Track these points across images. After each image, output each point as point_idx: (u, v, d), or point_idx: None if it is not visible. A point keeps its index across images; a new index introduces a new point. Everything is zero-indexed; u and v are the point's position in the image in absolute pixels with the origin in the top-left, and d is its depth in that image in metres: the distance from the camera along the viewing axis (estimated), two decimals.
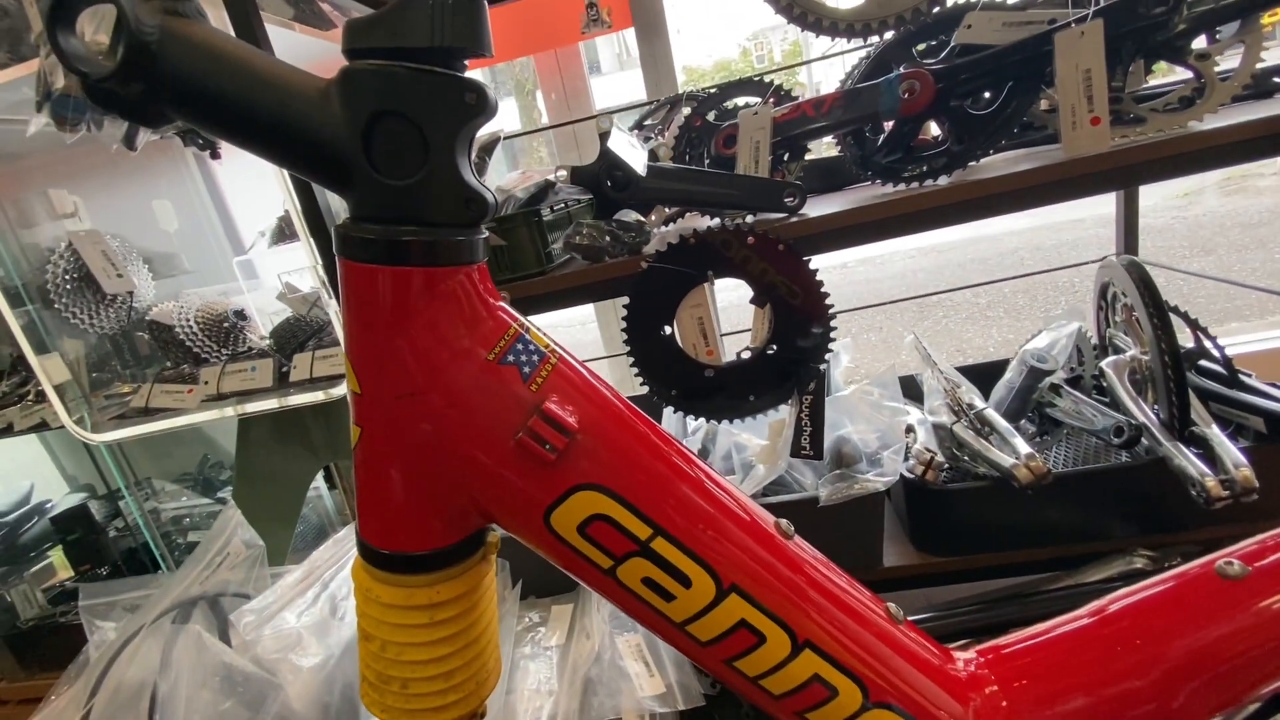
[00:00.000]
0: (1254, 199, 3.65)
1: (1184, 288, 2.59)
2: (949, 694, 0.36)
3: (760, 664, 0.33)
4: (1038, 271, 1.54)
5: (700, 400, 0.84)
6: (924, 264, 3.87)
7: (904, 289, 3.50)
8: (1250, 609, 0.34)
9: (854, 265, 4.18)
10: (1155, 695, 0.35)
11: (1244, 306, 2.36)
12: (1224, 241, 3.08)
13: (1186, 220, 3.52)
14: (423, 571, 0.35)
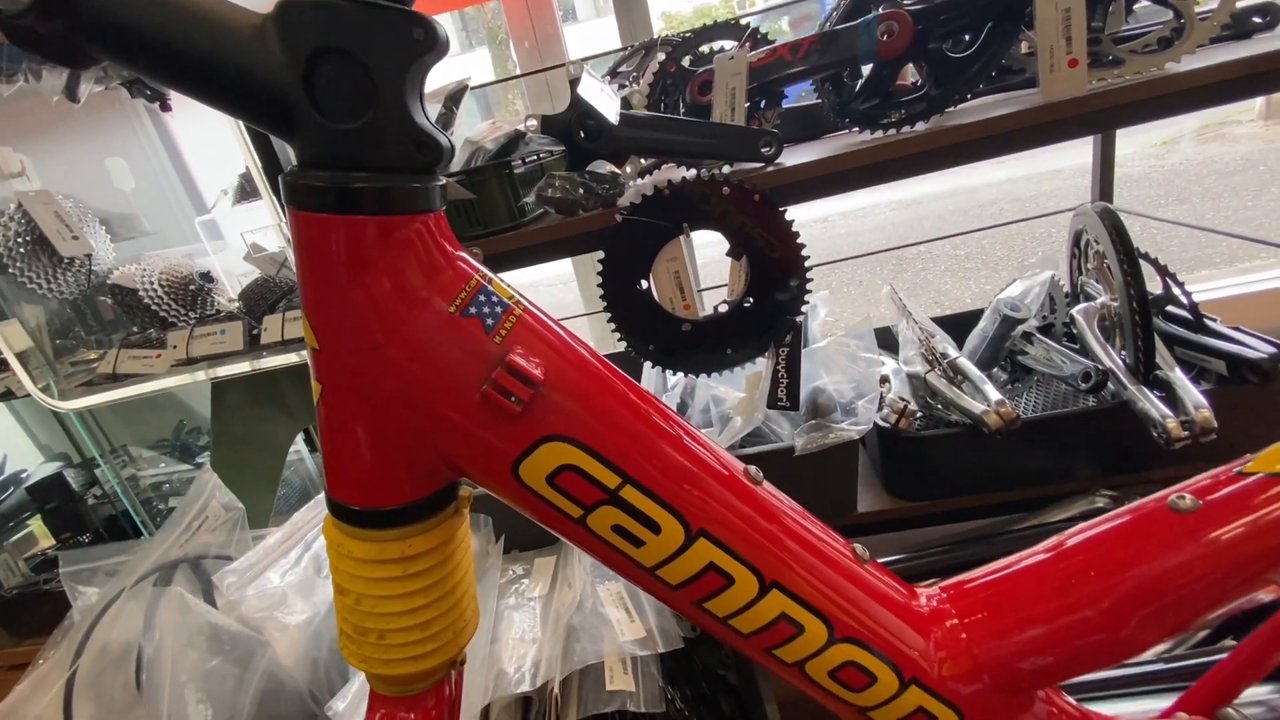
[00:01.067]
0: (1230, 147, 3.67)
1: (1158, 236, 2.62)
2: (911, 628, 0.37)
3: (729, 605, 0.34)
4: (1013, 221, 1.54)
5: (678, 355, 0.84)
6: (904, 216, 3.86)
7: (883, 242, 3.49)
8: (1199, 541, 0.36)
9: (835, 219, 4.16)
10: (1105, 624, 0.37)
11: (1214, 254, 2.40)
12: (1199, 190, 3.10)
13: (1163, 169, 3.53)
14: (393, 526, 0.35)
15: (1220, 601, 0.37)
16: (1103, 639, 0.37)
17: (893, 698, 0.36)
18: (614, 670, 0.68)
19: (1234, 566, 0.35)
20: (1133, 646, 0.37)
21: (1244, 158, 3.41)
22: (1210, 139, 3.93)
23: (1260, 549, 0.35)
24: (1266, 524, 0.35)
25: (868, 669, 0.36)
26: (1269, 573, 0.36)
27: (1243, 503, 0.35)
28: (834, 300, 1.10)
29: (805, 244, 0.76)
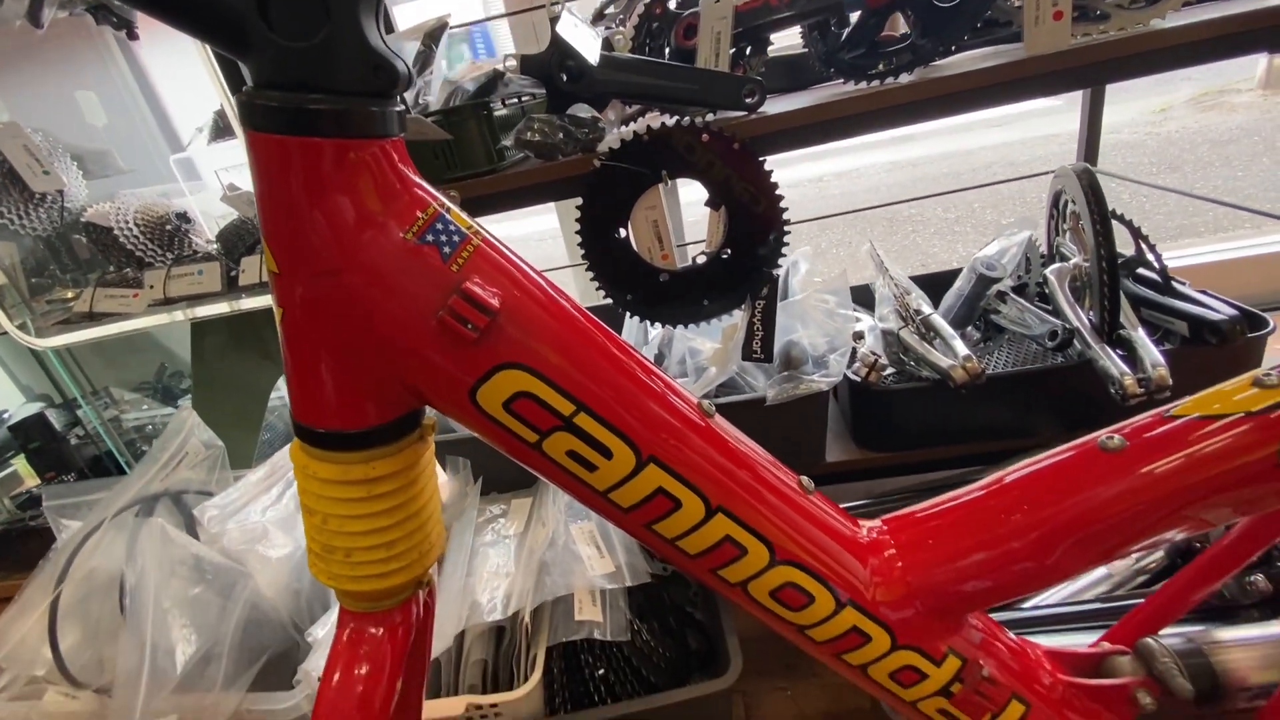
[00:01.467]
0: (1227, 116, 3.64)
1: (1145, 204, 2.62)
2: (850, 554, 0.39)
3: (676, 527, 0.36)
4: (997, 182, 1.54)
5: (656, 305, 0.84)
6: (899, 178, 3.82)
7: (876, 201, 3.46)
8: (1123, 477, 0.38)
9: (829, 179, 4.11)
10: (1033, 553, 0.39)
11: (1200, 224, 2.41)
12: (1191, 158, 3.09)
13: (1159, 136, 3.50)
14: (358, 449, 0.36)
15: (1143, 535, 0.39)
16: (1029, 567, 0.39)
17: (828, 618, 0.39)
18: (583, 602, 0.71)
19: (1156, 502, 0.38)
20: (1057, 573, 0.40)
21: (1239, 127, 3.39)
22: (1209, 107, 3.89)
23: (1181, 486, 0.37)
24: (1188, 463, 0.37)
25: (806, 590, 0.38)
26: (1191, 510, 0.38)
27: (1167, 443, 0.37)
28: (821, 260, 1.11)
29: (784, 196, 0.76)
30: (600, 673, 0.74)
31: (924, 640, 0.40)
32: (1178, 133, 3.53)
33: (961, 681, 0.41)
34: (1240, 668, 0.44)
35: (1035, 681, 0.44)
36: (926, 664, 0.40)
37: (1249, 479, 0.36)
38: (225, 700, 0.75)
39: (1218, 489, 0.37)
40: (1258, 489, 0.37)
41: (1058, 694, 0.45)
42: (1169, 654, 0.45)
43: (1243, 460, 0.36)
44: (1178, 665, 0.44)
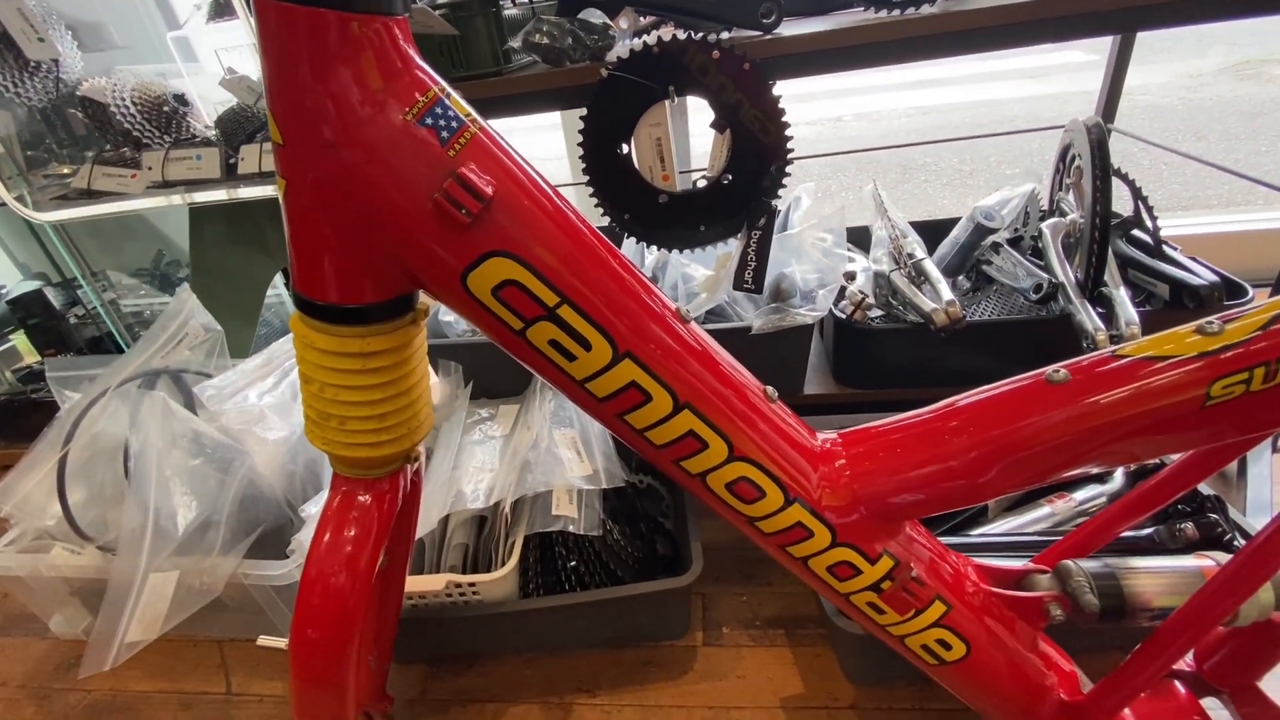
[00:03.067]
0: (1265, 87, 3.51)
1: (1163, 172, 2.57)
2: (802, 458, 0.43)
3: (645, 419, 0.39)
4: (1008, 132, 1.50)
5: (652, 227, 0.85)
6: (920, 124, 3.71)
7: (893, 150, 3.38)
8: (1061, 407, 0.41)
9: (848, 120, 3.98)
10: (970, 471, 0.43)
11: (1212, 196, 2.38)
12: (1219, 129, 3.00)
13: (1190, 103, 3.39)
14: (355, 324, 0.39)
15: (1075, 463, 0.43)
16: (965, 483, 0.43)
17: (776, 512, 0.42)
18: (560, 499, 0.76)
19: (1089, 433, 0.41)
20: (990, 491, 0.44)
21: (1273, 100, 3.28)
22: (1248, 76, 3.74)
23: (1114, 420, 0.40)
24: (1123, 399, 0.40)
25: (759, 486, 0.42)
26: (1121, 444, 0.41)
27: (1107, 379, 0.40)
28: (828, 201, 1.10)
29: (791, 125, 0.76)
30: (572, 564, 0.80)
31: (862, 540, 0.45)
32: (1210, 100, 3.41)
33: (891, 579, 0.46)
34: (1146, 592, 0.49)
35: (959, 587, 0.48)
36: (862, 561, 0.45)
37: (1177, 418, 0.39)
38: (223, 564, 0.80)
39: (1147, 425, 0.40)
40: (1184, 429, 0.40)
41: (978, 600, 0.49)
42: (1084, 574, 0.50)
43: (1173, 400, 0.39)
44: (1089, 584, 0.49)
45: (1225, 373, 0.38)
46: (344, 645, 0.46)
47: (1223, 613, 0.45)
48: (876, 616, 0.47)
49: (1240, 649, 0.54)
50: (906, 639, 0.48)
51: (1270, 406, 0.39)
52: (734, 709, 0.77)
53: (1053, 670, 0.53)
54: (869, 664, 0.75)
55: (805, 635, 0.84)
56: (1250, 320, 0.38)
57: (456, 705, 0.82)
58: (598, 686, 0.82)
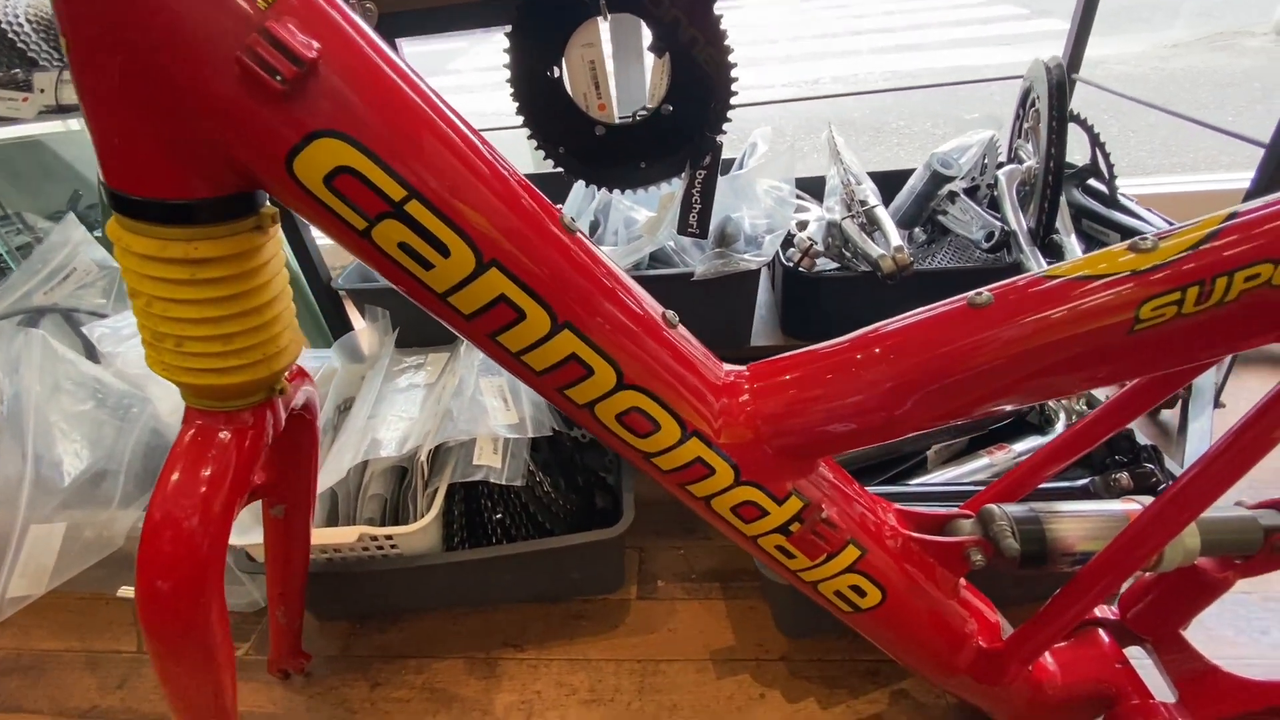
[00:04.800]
0: (1236, 59, 3.51)
1: (1131, 140, 2.57)
2: (703, 388, 0.39)
3: (520, 339, 0.35)
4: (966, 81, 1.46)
5: (589, 163, 0.79)
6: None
7: (868, 112, 3.32)
8: (981, 332, 0.37)
9: (826, 82, 3.91)
10: (884, 404, 0.39)
11: (1180, 165, 2.38)
12: (1189, 99, 3.00)
13: (1163, 72, 3.38)
14: (176, 224, 0.33)
15: (996, 395, 0.39)
16: (880, 417, 0.40)
17: (673, 447, 0.39)
18: (483, 448, 0.72)
19: (1012, 360, 0.37)
20: (907, 425, 0.40)
21: (1244, 71, 3.28)
22: (1221, 47, 3.74)
23: (1036, 346, 0.37)
24: (1046, 322, 0.36)
25: (652, 417, 0.38)
26: (1043, 373, 0.38)
27: (1030, 301, 0.37)
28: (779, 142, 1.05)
29: (734, 50, 0.70)
30: (498, 516, 0.77)
31: (768, 479, 0.41)
32: (1183, 71, 3.41)
33: (801, 521, 0.42)
34: (1069, 536, 0.47)
35: (875, 531, 0.46)
36: (768, 501, 0.41)
37: (1103, 344, 0.36)
38: (123, 516, 0.75)
39: (1072, 351, 0.37)
40: (1112, 356, 0.37)
41: (896, 545, 0.47)
42: (1006, 518, 0.47)
43: (1099, 324, 0.36)
44: (1011, 528, 0.47)
45: (1155, 293, 0.34)
46: (199, 597, 0.41)
47: (1143, 556, 0.43)
48: (786, 561, 0.44)
49: (1164, 596, 0.53)
50: (819, 585, 0.46)
51: (1202, 334, 0.36)
52: (663, 661, 0.75)
53: (974, 618, 0.51)
54: (801, 616, 0.73)
55: (740, 589, 0.82)
56: (1185, 237, 0.35)
57: (379, 661, 0.79)
58: (526, 640, 0.79)
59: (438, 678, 0.76)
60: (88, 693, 0.80)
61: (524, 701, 0.73)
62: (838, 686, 0.70)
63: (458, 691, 0.75)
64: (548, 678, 0.75)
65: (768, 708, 0.69)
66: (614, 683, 0.73)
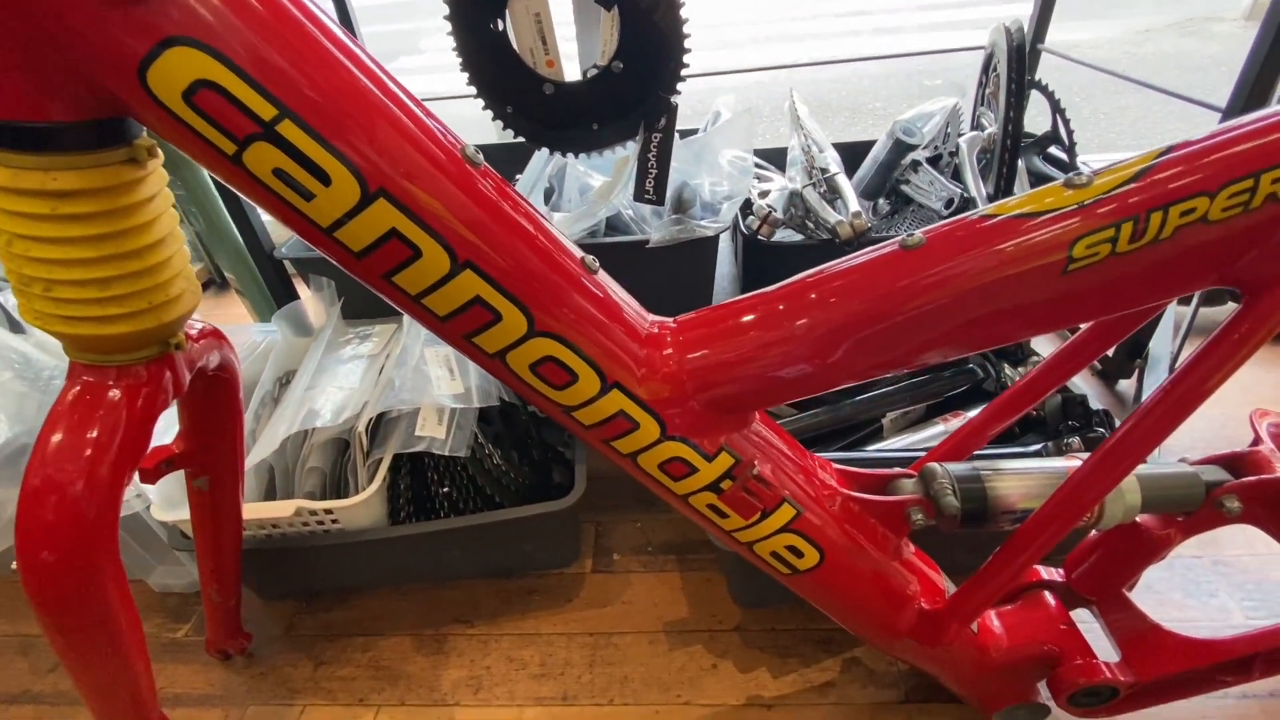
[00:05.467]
0: (1205, 44, 3.55)
1: (1104, 121, 2.58)
2: (625, 337, 0.37)
3: (418, 280, 0.32)
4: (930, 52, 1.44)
5: (539, 123, 0.76)
6: (871, 70, 3.64)
7: (845, 94, 3.31)
8: (912, 275, 0.35)
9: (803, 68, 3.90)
10: (814, 353, 0.38)
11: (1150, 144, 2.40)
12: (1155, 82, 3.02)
13: (1134, 56, 3.40)
14: (30, 150, 0.30)
15: (934, 342, 0.38)
16: (811, 366, 0.38)
17: (593, 400, 0.37)
18: (426, 418, 0.70)
19: (944, 306, 0.36)
20: (842, 374, 0.39)
21: (1211, 57, 3.32)
22: (1190, 33, 3.78)
23: (968, 289, 0.35)
24: (977, 263, 0.35)
25: (568, 367, 0.35)
26: (977, 319, 0.36)
27: (965, 242, 0.35)
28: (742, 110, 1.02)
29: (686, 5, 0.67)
30: (445, 490, 0.74)
31: (696, 434, 0.39)
32: (1153, 55, 3.44)
33: (732, 479, 0.41)
34: (1011, 494, 0.46)
35: (812, 490, 0.44)
36: (697, 458, 0.40)
37: (1037, 286, 0.35)
38: None
39: (1005, 293, 0.35)
40: (1046, 299, 0.36)
41: (835, 505, 0.45)
42: (948, 476, 0.46)
43: (1031, 264, 0.34)
44: (952, 486, 0.45)
45: (1088, 230, 0.33)
46: (88, 570, 0.38)
47: (1080, 511, 0.42)
48: (719, 520, 0.43)
49: (1107, 556, 0.52)
50: (755, 545, 0.44)
51: (1139, 275, 0.35)
52: (615, 634, 0.73)
53: (919, 580, 0.50)
54: (755, 586, 0.72)
55: (697, 560, 0.81)
56: (1121, 172, 0.34)
57: (323, 640, 0.77)
58: (476, 616, 0.77)
59: (384, 655, 0.74)
60: (19, 676, 0.76)
61: (472, 677, 0.71)
62: (790, 655, 0.69)
63: (404, 668, 0.72)
64: (497, 653, 0.73)
65: (719, 677, 0.68)
66: (565, 656, 0.72)
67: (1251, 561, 0.73)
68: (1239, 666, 0.52)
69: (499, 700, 0.68)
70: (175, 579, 0.82)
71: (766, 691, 0.66)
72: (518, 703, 0.68)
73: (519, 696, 0.69)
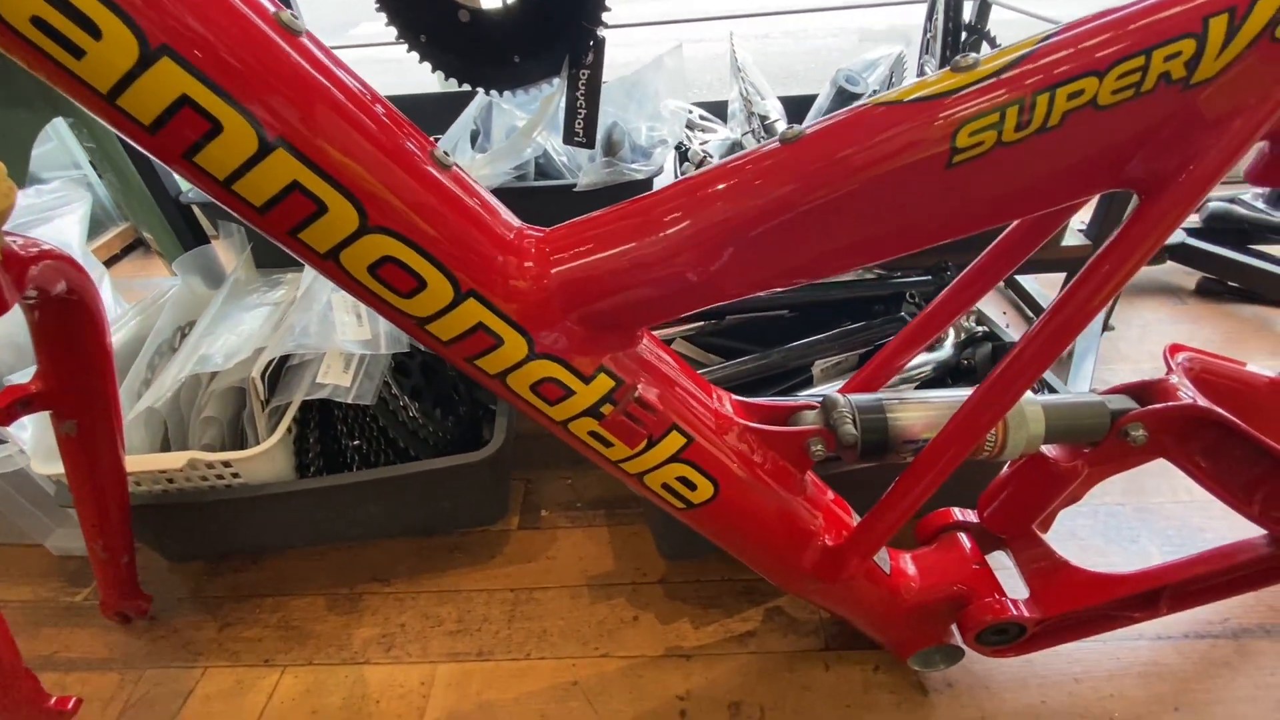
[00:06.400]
0: None
1: None
2: (484, 242, 0.33)
3: (221, 160, 0.28)
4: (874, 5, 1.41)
5: (456, 55, 0.71)
6: (842, 44, 3.61)
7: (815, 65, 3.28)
8: (796, 168, 0.33)
9: (775, 36, 3.85)
10: (695, 260, 0.35)
11: None
12: None
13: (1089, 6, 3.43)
14: None
15: (824, 249, 0.35)
16: (694, 275, 0.35)
17: (447, 309, 0.33)
18: (330, 365, 0.66)
19: (830, 205, 0.33)
20: (729, 285, 0.36)
21: None
22: None
23: (857, 185, 0.32)
24: (864, 155, 0.32)
25: (413, 270, 0.32)
26: (869, 220, 0.34)
27: (848, 132, 0.32)
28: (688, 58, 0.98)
29: None
30: (355, 443, 0.71)
31: (570, 353, 0.36)
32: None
33: (613, 403, 0.38)
34: (914, 424, 0.44)
35: (704, 418, 0.42)
36: (572, 379, 0.37)
37: (921, 180, 0.32)
38: None
39: (890, 191, 0.33)
40: (933, 197, 0.33)
41: (731, 436, 0.43)
42: (849, 406, 0.44)
43: (914, 155, 0.31)
44: (853, 416, 0.43)
45: (972, 114, 0.30)
46: None
47: (974, 437, 0.40)
48: (604, 450, 0.40)
49: (1017, 492, 0.51)
50: (644, 477, 0.42)
51: (1027, 171, 0.32)
52: (537, 589, 0.71)
53: (822, 516, 0.48)
54: (680, 538, 0.70)
55: (626, 515, 0.78)
56: (1008, 54, 0.31)
57: (231, 602, 0.73)
58: (394, 575, 0.74)
59: (295, 615, 0.71)
60: None
61: (385, 635, 0.68)
62: (713, 606, 0.68)
63: (314, 628, 0.69)
64: (413, 610, 0.70)
65: (639, 629, 0.66)
66: (483, 612, 0.69)
67: (1174, 508, 0.74)
68: (1146, 601, 0.52)
69: (411, 657, 0.66)
70: (74, 542, 0.78)
71: (686, 642, 0.65)
72: (431, 659, 0.66)
73: (432, 653, 0.66)
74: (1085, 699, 0.58)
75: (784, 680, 0.61)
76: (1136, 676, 0.59)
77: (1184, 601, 0.52)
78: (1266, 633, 0.62)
